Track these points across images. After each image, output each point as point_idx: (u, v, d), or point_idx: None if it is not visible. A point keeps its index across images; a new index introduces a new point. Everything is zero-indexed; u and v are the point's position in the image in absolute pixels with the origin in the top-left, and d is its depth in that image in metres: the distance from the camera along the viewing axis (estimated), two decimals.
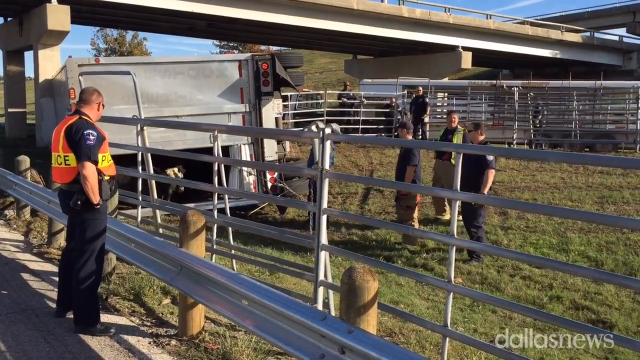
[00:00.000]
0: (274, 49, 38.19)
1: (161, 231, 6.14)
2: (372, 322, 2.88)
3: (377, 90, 21.71)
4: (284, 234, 5.25)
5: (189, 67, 9.76)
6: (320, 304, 3.95)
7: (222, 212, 5.43)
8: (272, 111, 10.47)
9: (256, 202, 10.06)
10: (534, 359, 4.57)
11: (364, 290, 2.82)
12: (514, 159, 13.00)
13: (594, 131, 17.73)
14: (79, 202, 4.06)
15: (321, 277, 3.97)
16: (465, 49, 28.58)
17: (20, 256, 6.19)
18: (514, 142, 16.68)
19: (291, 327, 3.12)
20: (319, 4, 22.71)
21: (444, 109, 19.25)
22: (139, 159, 6.09)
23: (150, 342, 4.02)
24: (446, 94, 21.76)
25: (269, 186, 10.10)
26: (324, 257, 4.00)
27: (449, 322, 3.35)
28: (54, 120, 14.35)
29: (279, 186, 10.01)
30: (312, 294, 4.11)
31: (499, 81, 21.01)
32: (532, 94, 18.33)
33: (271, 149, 10.18)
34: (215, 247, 5.26)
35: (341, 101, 22.20)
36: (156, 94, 9.32)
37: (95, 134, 4.07)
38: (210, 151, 5.34)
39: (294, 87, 11.69)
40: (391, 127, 18.46)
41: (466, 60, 28.75)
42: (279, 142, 10.58)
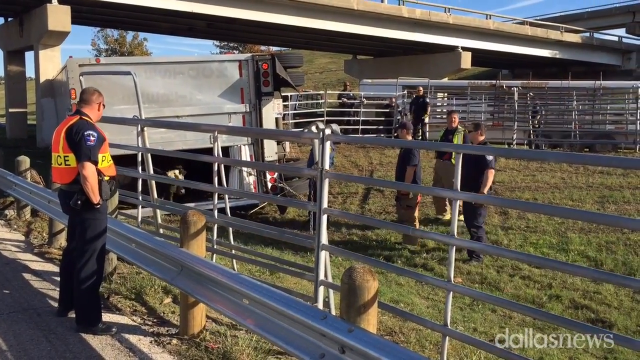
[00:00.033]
0: (274, 49, 38.21)
1: (162, 231, 6.15)
2: (372, 321, 2.89)
3: (377, 90, 21.70)
4: (285, 234, 5.27)
5: (189, 67, 9.77)
6: (320, 304, 3.96)
7: (222, 212, 5.45)
8: (272, 111, 10.48)
9: (256, 202, 10.07)
10: (534, 358, 4.58)
11: (364, 289, 2.83)
12: (514, 159, 13.01)
13: (594, 131, 17.70)
14: (79, 202, 4.07)
15: (321, 276, 3.98)
16: (464, 49, 28.60)
17: (21, 256, 6.20)
18: (514, 143, 16.69)
19: (292, 326, 3.13)
20: (319, 4, 22.72)
21: (443, 109, 19.25)
22: (139, 159, 6.10)
23: (151, 341, 4.03)
24: (446, 94, 21.76)
25: (269, 186, 10.12)
26: (324, 257, 4.01)
27: (448, 322, 3.36)
28: (54, 120, 14.35)
29: (279, 186, 10.02)
30: (312, 294, 4.12)
31: (498, 81, 20.98)
32: (531, 94, 18.32)
33: (271, 149, 10.19)
34: (215, 247, 5.27)
35: (341, 101, 22.20)
36: (156, 94, 9.33)
37: (95, 135, 4.09)
38: (210, 151, 5.35)
39: (294, 87, 11.70)
40: (391, 127, 18.46)
41: (466, 60, 28.77)
42: (279, 143, 10.58)
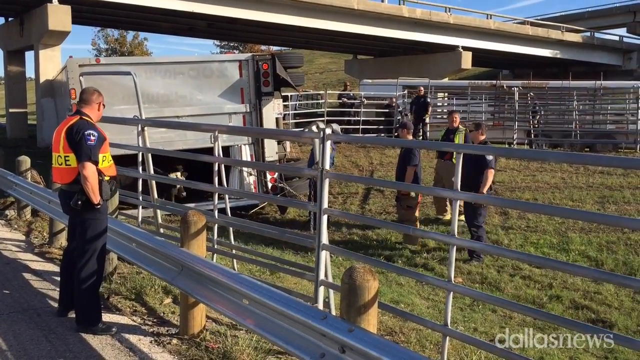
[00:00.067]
0: (275, 49, 38.23)
1: (162, 231, 6.15)
2: (372, 321, 2.89)
3: (377, 90, 21.70)
4: (285, 233, 5.26)
5: (189, 67, 9.78)
6: (320, 304, 3.95)
7: (222, 212, 5.45)
8: (272, 111, 10.48)
9: (256, 202, 10.07)
10: (534, 358, 4.58)
11: (364, 289, 2.83)
12: (514, 159, 13.00)
13: (594, 131, 17.71)
14: (80, 202, 4.07)
15: (322, 276, 3.98)
16: (465, 49, 28.58)
17: (21, 256, 6.20)
18: (514, 142, 16.68)
19: (292, 326, 3.13)
20: (320, 4, 22.71)
21: (444, 109, 19.24)
22: (140, 159, 6.10)
23: (151, 341, 4.03)
24: (446, 94, 21.76)
25: (269, 186, 10.11)
26: (324, 257, 4.01)
27: (449, 322, 3.36)
28: (54, 120, 14.37)
29: (279, 186, 10.02)
30: (312, 294, 4.12)
31: (499, 81, 20.99)
32: (532, 94, 18.32)
33: (271, 149, 10.20)
34: (216, 247, 5.27)
35: (341, 101, 22.18)
36: (157, 94, 9.34)
37: (96, 135, 4.08)
38: (210, 151, 5.35)
39: (294, 87, 11.70)
40: (391, 127, 18.46)
41: (466, 60, 28.74)
42: (279, 142, 10.59)
